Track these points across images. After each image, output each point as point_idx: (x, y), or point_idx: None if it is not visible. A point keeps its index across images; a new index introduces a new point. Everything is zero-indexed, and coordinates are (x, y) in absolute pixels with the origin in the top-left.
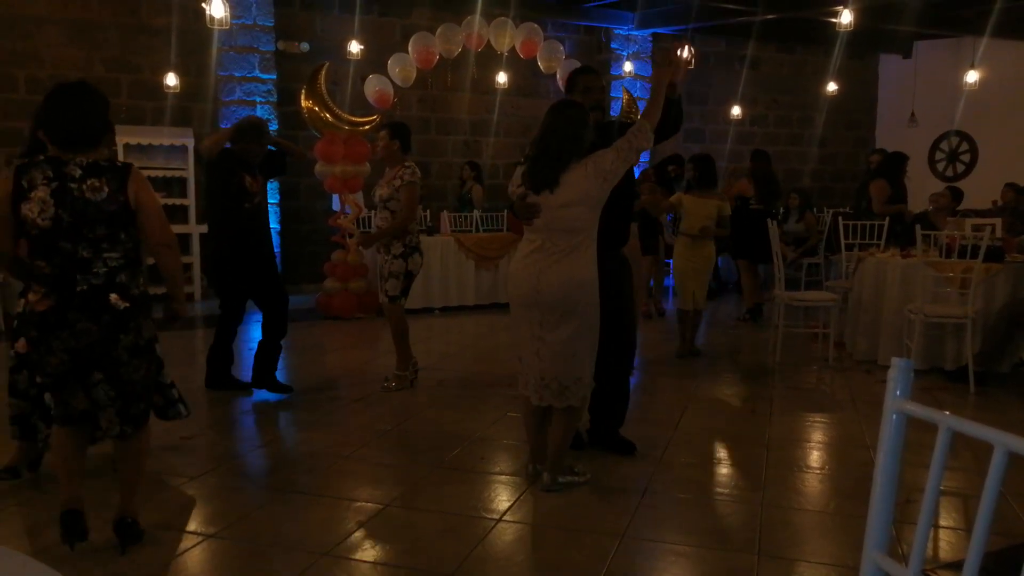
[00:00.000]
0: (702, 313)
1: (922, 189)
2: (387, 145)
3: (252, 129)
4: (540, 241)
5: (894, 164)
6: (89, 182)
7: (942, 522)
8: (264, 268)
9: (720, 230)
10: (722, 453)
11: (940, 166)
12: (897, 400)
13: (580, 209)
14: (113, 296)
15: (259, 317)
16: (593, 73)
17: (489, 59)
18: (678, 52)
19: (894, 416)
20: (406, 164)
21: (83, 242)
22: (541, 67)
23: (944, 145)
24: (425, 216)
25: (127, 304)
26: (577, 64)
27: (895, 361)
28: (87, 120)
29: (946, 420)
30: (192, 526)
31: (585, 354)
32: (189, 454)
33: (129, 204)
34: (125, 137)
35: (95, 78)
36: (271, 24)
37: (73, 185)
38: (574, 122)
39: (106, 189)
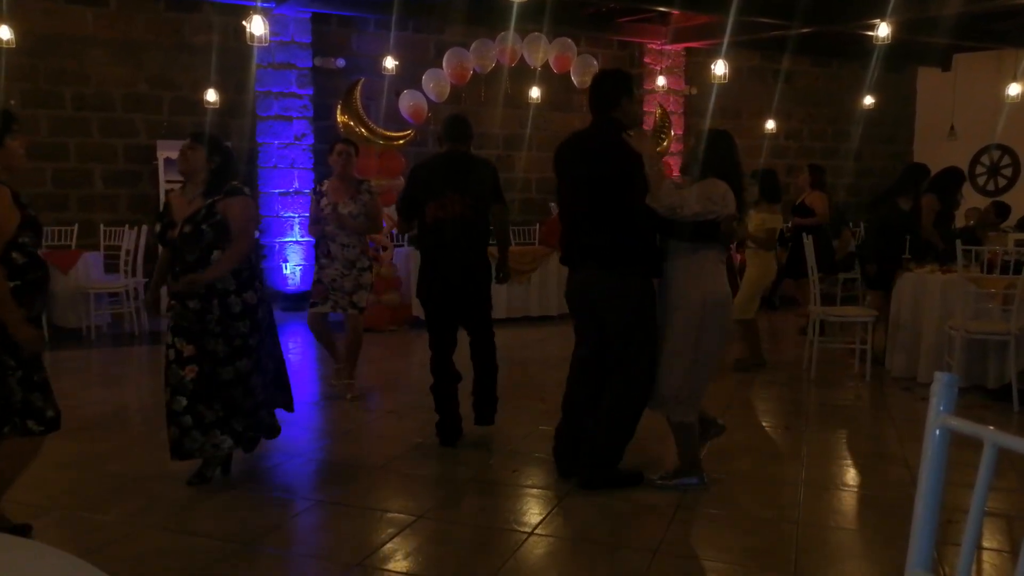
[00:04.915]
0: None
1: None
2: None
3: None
4: None
5: (949, 181)
6: None
7: (986, 543)
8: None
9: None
10: (756, 470)
11: (981, 180)
12: (940, 415)
13: None
14: None
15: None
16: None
17: (522, 74)
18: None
19: (937, 432)
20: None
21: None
22: (574, 82)
23: (985, 159)
24: None
25: None
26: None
27: (938, 375)
28: None
29: (992, 436)
30: (226, 535)
31: (667, 372)
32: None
33: None
34: (165, 152)
35: (138, 95)
36: (308, 41)
37: None
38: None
39: None
